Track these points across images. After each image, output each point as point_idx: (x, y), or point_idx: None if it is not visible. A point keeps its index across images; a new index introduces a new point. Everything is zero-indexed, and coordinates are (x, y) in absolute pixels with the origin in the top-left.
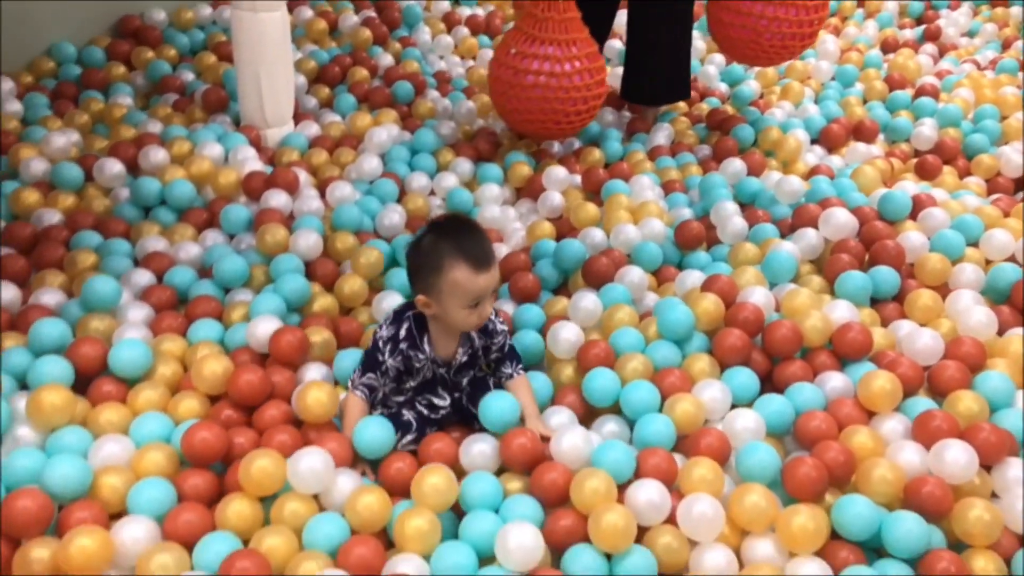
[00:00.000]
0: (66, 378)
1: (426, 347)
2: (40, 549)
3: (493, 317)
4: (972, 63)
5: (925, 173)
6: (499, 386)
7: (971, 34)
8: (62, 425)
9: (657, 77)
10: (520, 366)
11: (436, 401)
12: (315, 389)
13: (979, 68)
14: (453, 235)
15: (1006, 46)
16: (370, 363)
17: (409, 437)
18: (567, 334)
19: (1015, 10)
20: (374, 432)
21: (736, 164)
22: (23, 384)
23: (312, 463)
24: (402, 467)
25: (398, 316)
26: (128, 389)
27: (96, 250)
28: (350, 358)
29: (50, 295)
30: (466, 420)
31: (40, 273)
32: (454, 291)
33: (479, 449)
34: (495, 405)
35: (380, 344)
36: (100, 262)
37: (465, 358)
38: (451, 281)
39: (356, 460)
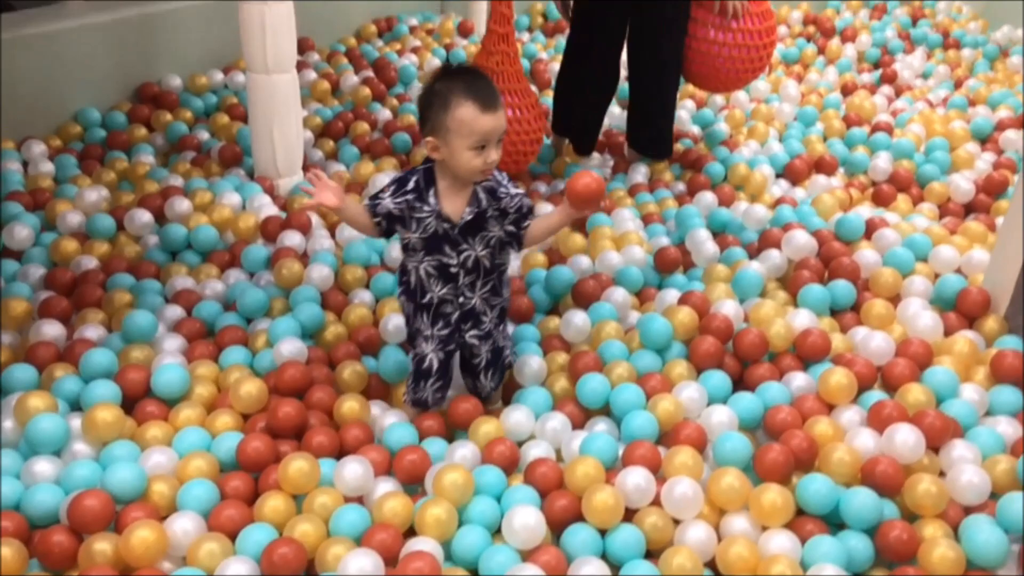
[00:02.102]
0: (116, 398)
1: (431, 199)
2: (102, 543)
3: (501, 179)
4: (925, 102)
5: (881, 201)
6: (523, 241)
7: (925, 76)
8: (113, 439)
9: (659, 135)
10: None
11: (444, 260)
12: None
13: (931, 106)
14: (462, 78)
15: (958, 85)
16: (372, 197)
17: (431, 381)
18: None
19: (966, 52)
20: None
21: (708, 197)
22: (75, 407)
23: (355, 469)
24: (415, 459)
25: (412, 169)
26: (169, 409)
27: (130, 290)
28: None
29: (92, 330)
30: (477, 319)
31: (81, 312)
32: (460, 129)
33: (461, 455)
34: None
35: (386, 187)
36: (135, 300)
37: (471, 216)
38: (457, 119)
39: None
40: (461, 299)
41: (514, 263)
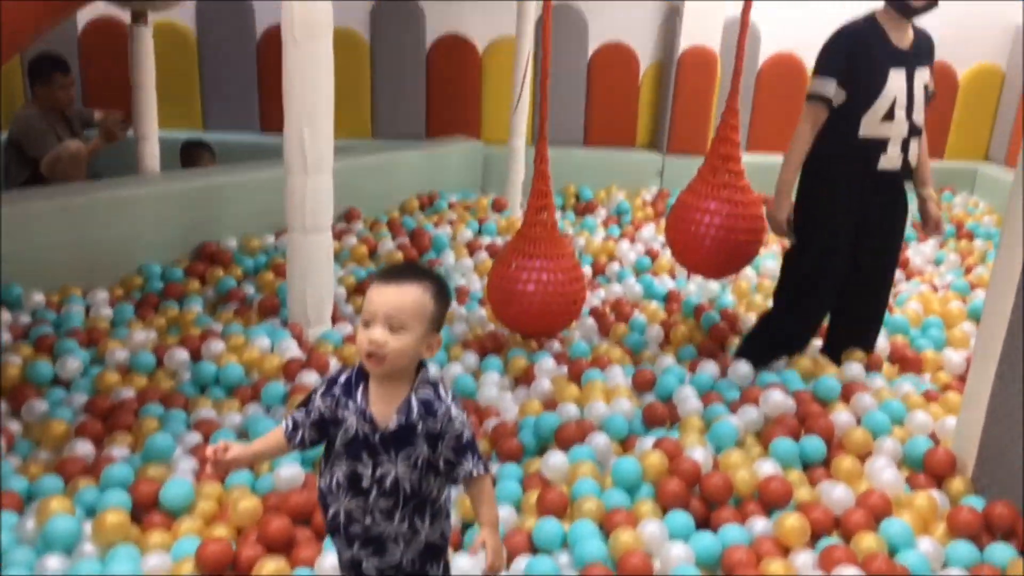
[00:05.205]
0: (126, 506)
1: (358, 396)
2: None
3: (444, 396)
4: (929, 285)
5: (872, 368)
6: (459, 483)
7: (937, 263)
8: (119, 542)
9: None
10: (483, 463)
11: (360, 469)
12: None
13: (935, 289)
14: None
15: (967, 272)
16: (305, 400)
17: None
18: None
19: (978, 243)
20: None
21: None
22: (92, 514)
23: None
24: None
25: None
26: (173, 520)
27: (159, 418)
28: None
29: (118, 450)
30: (383, 548)
31: (112, 434)
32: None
33: None
34: None
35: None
36: (161, 426)
37: (396, 427)
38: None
39: None
40: (368, 520)
41: (513, 411)
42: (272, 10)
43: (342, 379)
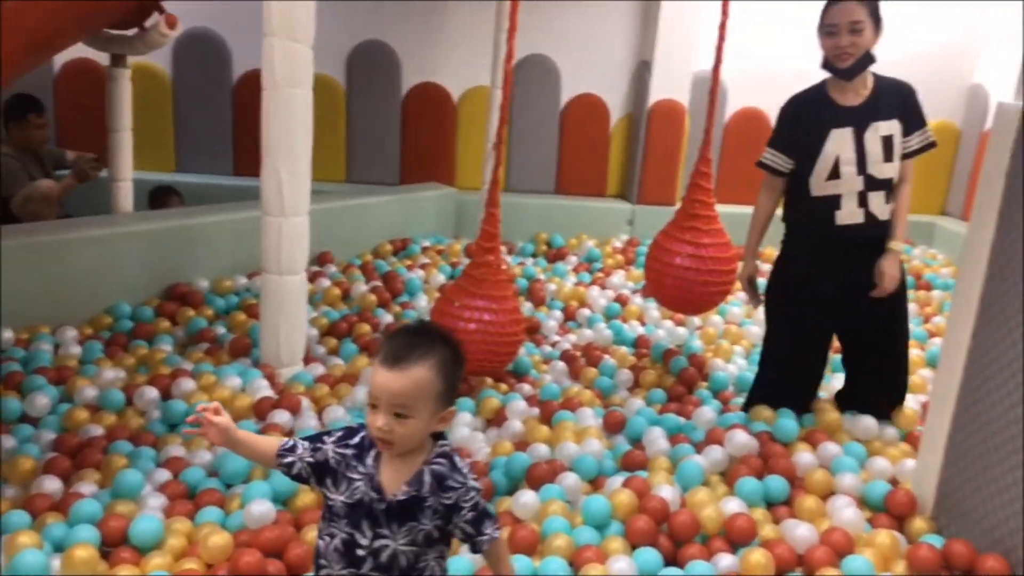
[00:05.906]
0: (94, 542)
1: (369, 460)
2: None
3: (461, 466)
4: None
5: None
6: (480, 551)
7: None
8: None
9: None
10: (497, 524)
11: (357, 538)
12: None
13: None
14: (396, 333)
15: (926, 321)
16: (313, 436)
17: None
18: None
19: (936, 293)
20: None
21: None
22: (59, 549)
23: None
24: None
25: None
26: (142, 556)
27: (128, 455)
28: None
29: (87, 487)
30: None
31: (80, 471)
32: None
33: None
34: None
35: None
36: (129, 464)
37: (405, 498)
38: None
39: None
40: None
41: (484, 451)
42: (250, 55)
43: (356, 439)
